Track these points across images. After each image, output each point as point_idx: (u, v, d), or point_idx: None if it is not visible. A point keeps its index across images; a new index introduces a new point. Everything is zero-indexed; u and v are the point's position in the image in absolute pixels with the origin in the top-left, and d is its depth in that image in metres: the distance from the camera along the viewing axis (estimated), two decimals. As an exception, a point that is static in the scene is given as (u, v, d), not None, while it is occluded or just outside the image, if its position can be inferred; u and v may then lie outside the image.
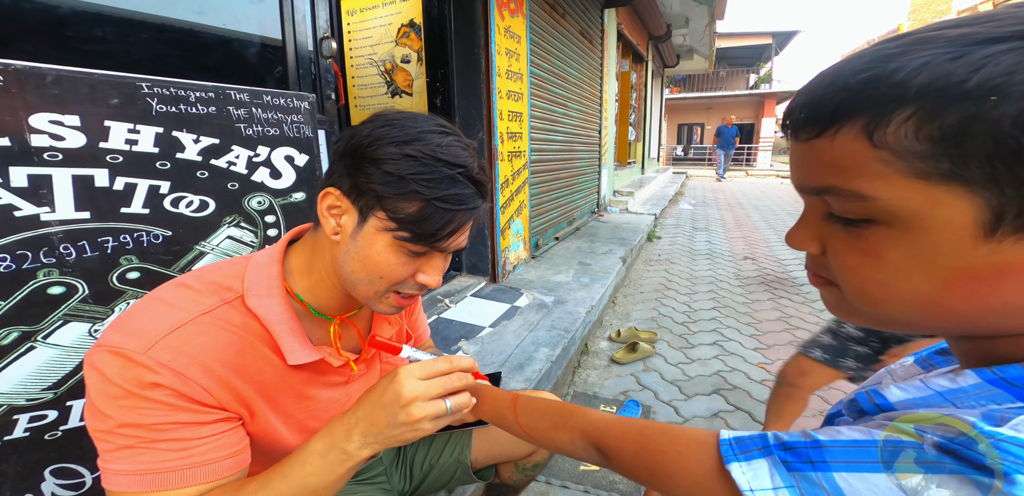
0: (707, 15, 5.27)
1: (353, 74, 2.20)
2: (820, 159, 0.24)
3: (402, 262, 0.45)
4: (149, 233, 0.74)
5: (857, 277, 0.25)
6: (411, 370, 0.43)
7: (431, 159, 0.42)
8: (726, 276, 2.95)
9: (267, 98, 0.88)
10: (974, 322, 0.24)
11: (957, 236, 0.21)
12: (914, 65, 0.20)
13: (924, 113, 0.20)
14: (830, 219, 0.26)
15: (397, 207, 0.43)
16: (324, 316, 0.52)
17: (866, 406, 0.29)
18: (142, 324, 0.42)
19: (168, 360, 0.40)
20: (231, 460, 0.43)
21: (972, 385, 0.24)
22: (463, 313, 1.79)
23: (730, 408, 1.50)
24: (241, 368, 0.44)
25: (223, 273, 0.48)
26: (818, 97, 0.24)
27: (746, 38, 15.43)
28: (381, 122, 0.45)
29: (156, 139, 0.74)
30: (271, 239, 0.92)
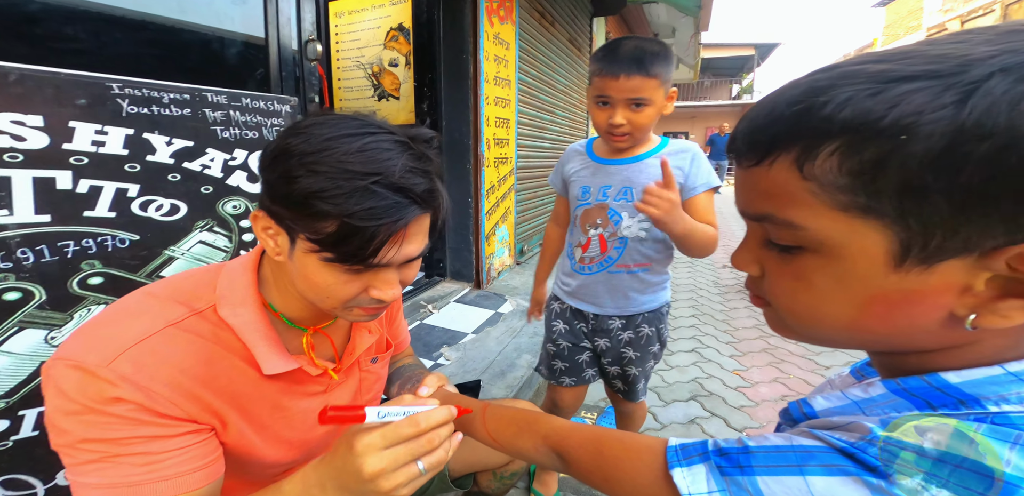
0: (693, 26, 5.40)
1: (339, 76, 2.18)
2: (758, 186, 0.26)
3: (344, 281, 0.42)
4: (115, 237, 0.72)
5: (790, 299, 0.27)
6: (372, 441, 0.37)
7: (337, 171, 0.37)
8: (706, 284, 3.01)
9: (246, 100, 0.86)
10: (887, 340, 0.26)
11: (872, 265, 0.23)
12: (839, 100, 0.21)
13: (847, 148, 0.21)
14: (768, 244, 0.27)
15: (316, 228, 0.38)
16: (297, 327, 0.51)
17: (796, 414, 0.32)
18: (104, 335, 0.40)
19: (130, 373, 0.38)
20: (201, 472, 0.41)
21: (880, 395, 0.27)
22: (446, 319, 1.77)
23: (706, 414, 1.53)
24: (212, 379, 0.43)
25: (194, 282, 0.46)
26: (758, 126, 0.25)
27: (730, 49, 15.88)
28: (288, 133, 0.41)
29: (126, 141, 0.71)
30: (247, 244, 0.90)
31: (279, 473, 0.54)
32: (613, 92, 0.75)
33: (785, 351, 2.01)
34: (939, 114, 0.19)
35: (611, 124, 0.77)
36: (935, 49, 0.21)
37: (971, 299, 0.22)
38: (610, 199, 0.85)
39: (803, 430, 0.27)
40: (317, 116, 0.42)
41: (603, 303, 0.91)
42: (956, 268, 0.21)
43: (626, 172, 0.84)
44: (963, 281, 0.22)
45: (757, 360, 1.93)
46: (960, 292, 0.22)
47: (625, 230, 0.85)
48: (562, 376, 1.02)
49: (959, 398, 0.24)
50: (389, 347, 0.65)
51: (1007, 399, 0.22)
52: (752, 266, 0.30)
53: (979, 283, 0.21)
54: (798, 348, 2.04)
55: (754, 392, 1.67)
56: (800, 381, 1.76)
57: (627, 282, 0.89)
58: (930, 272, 0.22)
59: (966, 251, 0.21)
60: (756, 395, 1.65)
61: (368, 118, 0.43)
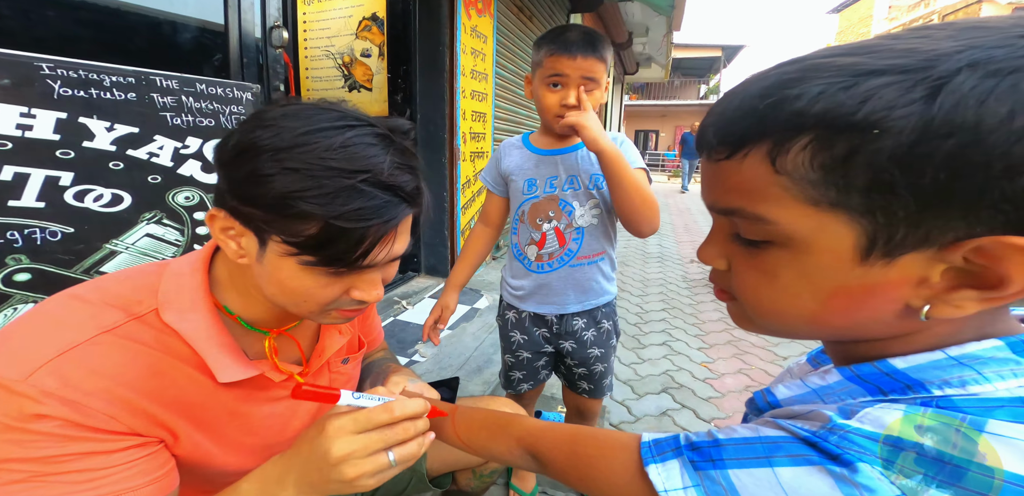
0: (665, 25, 5.51)
1: (307, 65, 2.08)
2: (728, 181, 0.26)
3: (323, 284, 0.39)
4: (44, 230, 0.66)
5: (754, 293, 0.28)
6: (343, 424, 0.36)
7: (320, 169, 0.34)
8: (675, 278, 3.11)
9: (200, 86, 0.80)
10: (846, 332, 0.27)
11: (838, 259, 0.23)
12: (812, 93, 0.21)
13: (819, 142, 0.22)
14: (736, 239, 0.28)
15: (294, 230, 0.35)
16: (258, 330, 0.47)
17: (760, 404, 0.33)
18: (21, 346, 0.35)
19: (55, 388, 0.34)
20: (152, 487, 0.37)
21: (836, 382, 0.27)
22: (421, 315, 1.75)
23: (677, 406, 1.58)
24: (158, 391, 0.39)
25: (131, 285, 0.41)
26: (728, 119, 0.25)
27: (699, 50, 16.31)
28: (251, 125, 0.36)
29: (57, 125, 0.65)
30: (201, 238, 0.85)
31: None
32: (569, 70, 0.75)
33: (748, 343, 2.11)
34: (909, 110, 0.19)
35: (564, 105, 0.77)
36: (900, 43, 0.21)
37: (927, 290, 0.23)
38: (559, 189, 0.85)
39: (767, 420, 0.28)
40: (283, 106, 0.38)
41: (566, 301, 0.91)
42: (915, 261, 0.22)
43: (570, 160, 0.85)
44: (921, 273, 0.22)
45: (723, 352, 2.01)
46: (917, 284, 0.23)
47: (579, 219, 0.85)
48: (520, 384, 1.02)
49: (906, 383, 0.24)
50: (362, 346, 0.62)
51: (949, 383, 0.23)
52: (718, 260, 0.30)
53: (935, 275, 0.22)
54: (759, 340, 2.14)
55: (720, 383, 1.75)
56: (761, 371, 1.85)
57: (590, 274, 0.89)
58: (891, 265, 0.22)
59: (927, 244, 0.21)
60: (722, 386, 1.73)
61: (341, 108, 0.39)
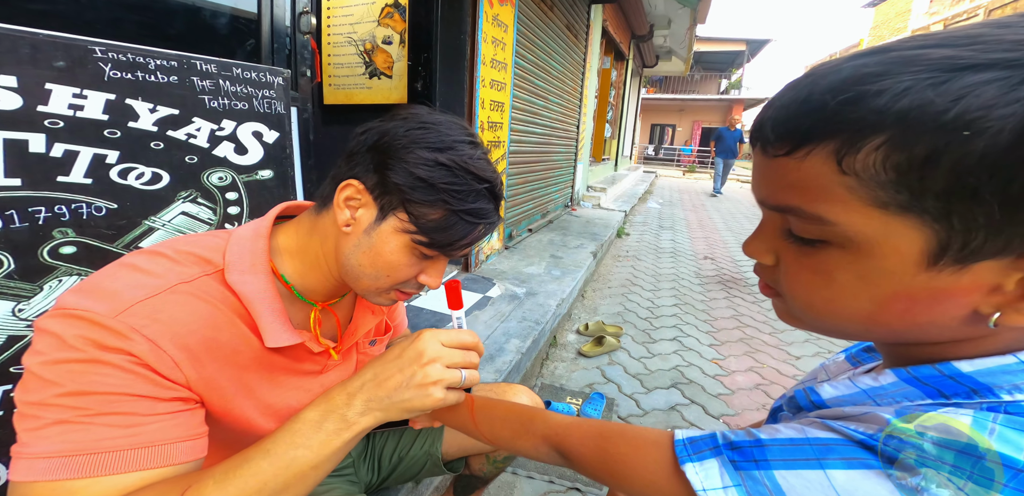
0: (689, 18, 5.37)
1: (330, 52, 2.08)
2: (786, 178, 0.24)
3: (411, 263, 0.45)
4: (90, 205, 0.68)
5: (806, 292, 0.27)
6: (436, 334, 0.43)
7: (463, 171, 0.42)
8: (687, 274, 3.08)
9: (237, 71, 0.81)
10: (902, 334, 0.26)
11: (903, 263, 0.22)
12: (897, 89, 0.20)
13: (896, 141, 0.20)
14: (787, 235, 0.26)
15: (421, 212, 0.43)
16: (307, 301, 0.49)
17: (803, 403, 0.32)
18: (113, 288, 0.37)
19: (142, 326, 0.36)
20: (187, 444, 0.38)
21: (891, 383, 0.26)
22: (434, 301, 1.77)
23: (686, 401, 1.58)
24: (217, 345, 0.41)
25: (202, 245, 0.44)
26: (792, 114, 0.24)
27: (722, 43, 15.90)
28: (416, 123, 0.44)
29: (106, 106, 0.67)
30: (232, 217, 0.87)
31: None
32: None
33: (760, 341, 2.09)
34: (1010, 109, 0.18)
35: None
36: (1010, 33, 0.19)
37: (998, 298, 0.22)
38: None
39: (814, 420, 0.27)
40: (432, 113, 0.46)
41: None
42: (990, 268, 0.21)
43: None
44: (995, 281, 0.21)
45: (734, 349, 2.00)
46: (989, 291, 0.22)
47: None
48: None
49: (972, 387, 0.23)
50: (388, 330, 0.64)
51: (1020, 388, 0.22)
52: (766, 255, 0.29)
53: (1010, 283, 0.21)
54: (772, 338, 2.12)
55: (731, 380, 1.74)
56: (773, 370, 1.83)
57: None
58: (963, 272, 0.21)
59: (1006, 253, 0.20)
60: (732, 383, 1.72)
61: (468, 127, 0.47)
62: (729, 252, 3.79)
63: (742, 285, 2.91)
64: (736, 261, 3.51)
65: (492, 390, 0.75)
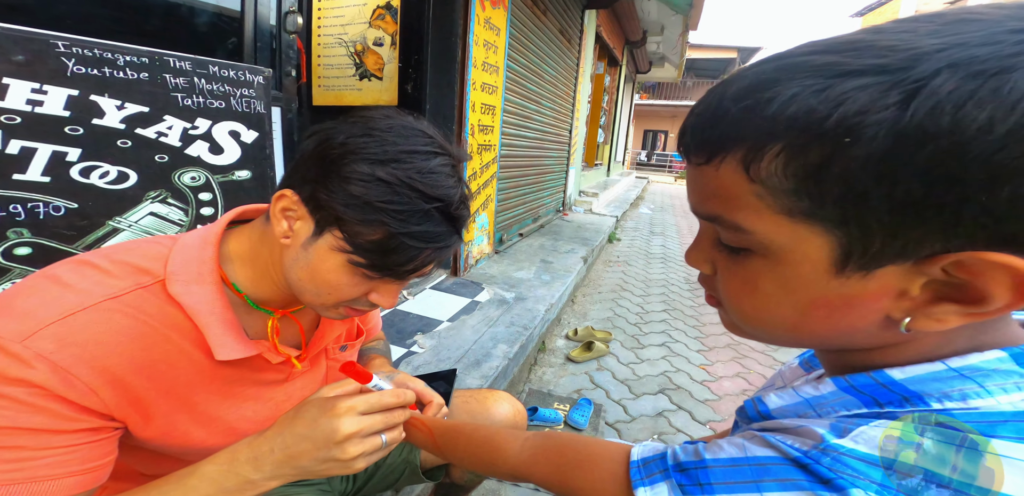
0: (682, 24, 5.44)
1: (320, 53, 2.07)
2: (707, 186, 0.25)
3: (354, 282, 0.42)
4: (48, 204, 0.66)
5: (738, 300, 0.27)
6: (354, 404, 0.38)
7: (406, 188, 0.38)
8: (677, 280, 3.10)
9: (213, 68, 0.80)
10: (830, 341, 0.26)
11: (814, 270, 0.23)
12: (785, 97, 0.20)
13: (791, 149, 0.20)
14: (719, 245, 0.27)
15: (357, 232, 0.39)
16: (262, 309, 0.47)
17: (751, 413, 0.31)
18: (27, 306, 0.35)
19: (50, 352, 0.33)
20: (75, 479, 0.36)
21: (830, 392, 0.26)
22: (421, 306, 1.75)
23: (673, 407, 1.58)
24: (148, 365, 0.39)
25: (141, 253, 0.41)
26: (706, 123, 0.24)
27: (713, 51, 16.13)
28: (361, 130, 0.40)
29: (68, 102, 0.65)
30: (204, 218, 0.85)
31: None
32: None
33: (747, 347, 2.10)
34: (882, 115, 0.18)
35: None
36: (883, 39, 0.20)
37: (907, 303, 0.22)
38: None
39: (755, 435, 0.27)
40: (387, 117, 0.42)
41: None
42: (893, 273, 0.21)
43: None
44: (900, 286, 0.21)
45: (722, 355, 2.01)
46: (896, 296, 0.22)
47: None
48: None
49: (903, 395, 0.23)
50: (360, 334, 0.62)
51: (949, 396, 0.22)
52: (704, 265, 0.29)
53: (915, 288, 0.21)
54: (759, 344, 2.14)
55: (718, 386, 1.74)
56: (759, 376, 1.84)
57: None
58: (869, 277, 0.22)
59: (904, 257, 0.20)
60: (720, 389, 1.72)
61: (430, 129, 0.43)
62: (719, 257, 3.82)
63: (731, 290, 2.93)
64: (725, 266, 3.53)
65: (473, 397, 0.74)
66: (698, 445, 0.28)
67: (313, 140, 0.41)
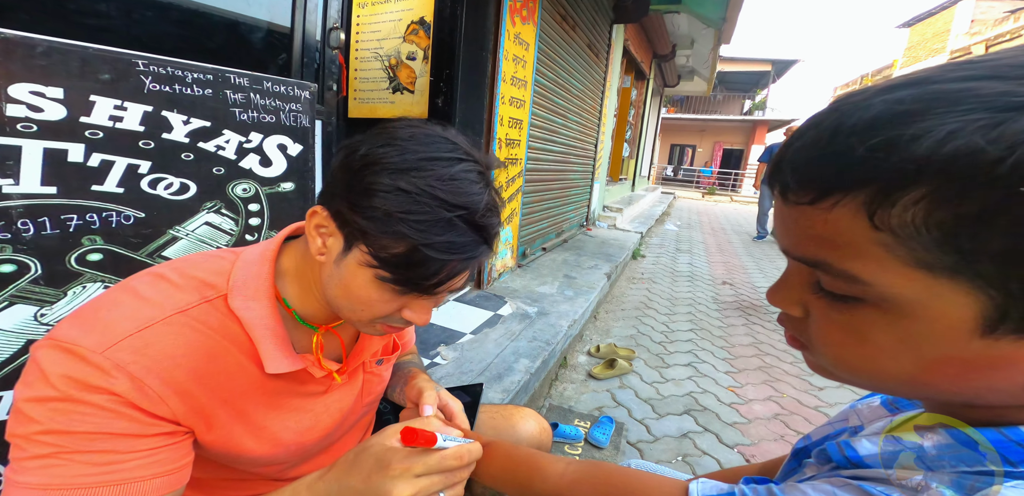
0: (713, 38, 5.41)
1: (356, 66, 2.16)
2: (811, 229, 0.22)
3: (386, 299, 0.41)
4: (120, 213, 0.70)
5: (837, 349, 0.24)
6: (411, 466, 0.35)
7: (427, 196, 0.36)
8: (705, 299, 3.00)
9: (267, 84, 0.85)
10: (954, 396, 0.23)
11: (953, 330, 0.20)
12: (940, 134, 0.17)
13: (940, 196, 0.17)
14: (816, 288, 0.24)
15: (381, 245, 0.37)
16: (308, 325, 0.48)
17: (836, 457, 0.28)
18: (107, 318, 0.37)
19: (128, 362, 0.36)
20: (161, 479, 0.38)
21: (945, 445, 0.23)
22: (445, 317, 1.75)
23: (699, 429, 1.51)
24: (209, 375, 0.40)
25: (208, 268, 0.43)
26: (814, 158, 0.21)
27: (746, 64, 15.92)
28: (382, 140, 0.39)
29: (143, 117, 0.70)
30: (252, 228, 0.89)
31: (270, 470, 0.52)
32: None
33: (780, 370, 2.00)
34: None
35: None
36: None
37: None
38: None
39: (849, 483, 0.24)
40: (406, 127, 0.41)
41: None
42: None
43: None
44: None
45: (752, 378, 1.92)
46: None
47: None
48: None
49: None
50: (396, 349, 0.63)
51: None
52: (793, 307, 0.26)
53: None
54: (793, 368, 2.03)
55: (747, 409, 1.66)
56: (793, 400, 1.75)
57: None
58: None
59: None
60: (749, 412, 1.64)
61: (456, 138, 0.41)
62: (749, 278, 3.69)
63: (762, 312, 2.81)
64: (756, 287, 3.41)
65: (499, 413, 0.73)
66: (770, 487, 0.26)
67: (340, 154, 0.41)
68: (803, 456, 0.34)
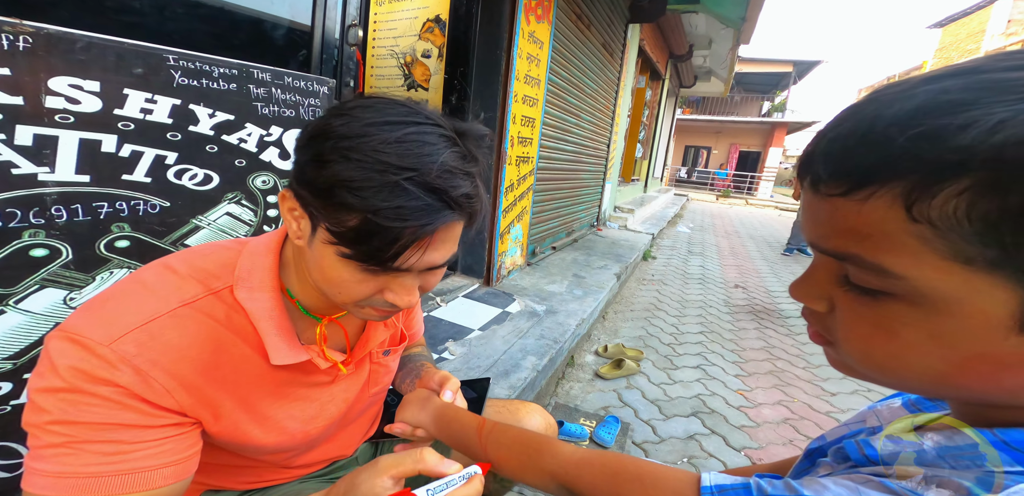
0: (732, 38, 5.33)
1: (373, 64, 2.20)
2: (843, 221, 0.21)
3: (358, 279, 0.38)
4: (147, 202, 0.73)
5: (864, 345, 0.23)
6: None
7: (370, 161, 0.33)
8: (716, 302, 2.97)
9: (288, 79, 0.87)
10: (983, 397, 0.22)
11: (989, 326, 0.19)
12: (988, 123, 0.16)
13: (985, 187, 0.17)
14: (843, 282, 0.23)
15: (336, 220, 0.35)
16: (312, 316, 0.48)
17: (854, 455, 0.28)
18: (115, 311, 0.38)
19: (133, 355, 0.36)
20: (169, 469, 0.38)
21: (969, 444, 0.23)
22: (453, 313, 1.77)
23: (706, 431, 1.50)
24: (215, 367, 0.41)
25: (214, 259, 0.44)
26: (849, 148, 0.20)
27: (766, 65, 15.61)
28: (333, 111, 0.37)
29: (172, 110, 0.73)
30: (271, 220, 0.91)
31: (277, 457, 0.53)
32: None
33: (791, 375, 1.97)
34: None
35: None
36: None
37: None
38: None
39: (870, 479, 0.23)
40: (365, 98, 0.38)
41: None
42: None
43: None
44: None
45: (762, 381, 1.90)
46: None
47: None
48: None
49: None
50: (403, 340, 0.63)
51: None
52: (817, 302, 0.25)
53: None
54: (805, 373, 2.00)
55: (756, 413, 1.64)
56: (804, 405, 1.72)
57: None
58: None
59: None
60: (758, 416, 1.62)
61: (417, 106, 0.39)
62: (763, 282, 3.64)
63: (775, 316, 2.78)
64: (770, 291, 3.36)
65: (505, 407, 0.73)
66: (788, 481, 0.26)
67: (300, 134, 0.39)
68: (817, 456, 0.33)
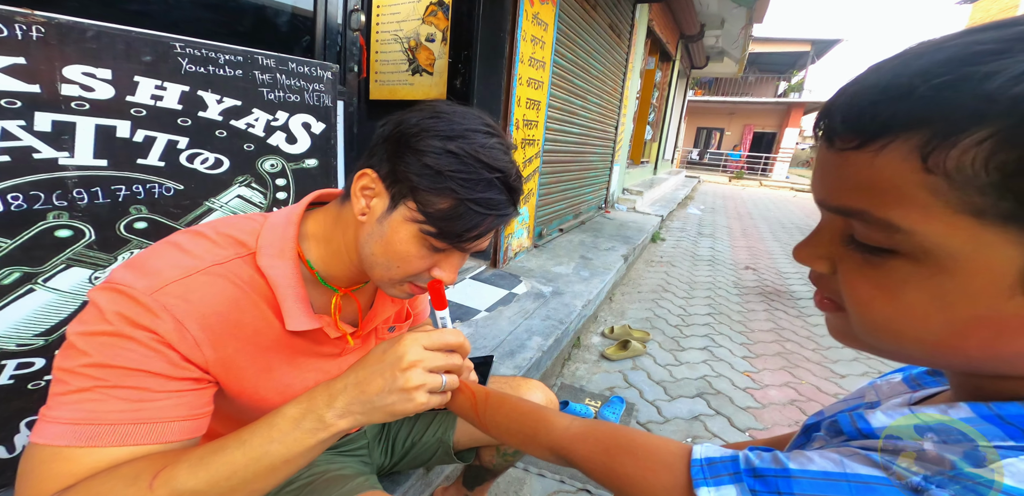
0: (745, 17, 5.14)
1: (377, 49, 2.18)
2: (854, 176, 0.21)
3: (422, 255, 0.45)
4: (162, 185, 0.76)
5: (865, 307, 0.23)
6: (418, 337, 0.41)
7: (472, 159, 0.42)
8: (725, 284, 2.96)
9: (292, 65, 0.88)
10: (981, 365, 0.22)
11: (994, 285, 0.19)
12: (1016, 71, 0.16)
13: (1006, 136, 0.16)
14: (848, 241, 0.23)
15: (429, 201, 0.42)
16: (330, 286, 0.51)
17: (847, 429, 0.28)
18: (155, 266, 0.41)
19: (172, 306, 0.39)
20: (183, 423, 0.40)
21: (965, 418, 0.22)
22: (460, 294, 1.81)
23: (711, 412, 1.52)
24: (239, 326, 0.44)
25: (239, 228, 0.47)
26: (869, 100, 0.20)
27: (783, 44, 15.01)
28: (430, 113, 0.45)
29: (181, 97, 0.75)
30: (279, 202, 0.94)
31: None
32: None
33: (800, 357, 1.98)
34: None
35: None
36: None
37: None
38: None
39: (857, 452, 0.23)
40: (450, 105, 0.47)
41: None
42: None
43: None
44: None
45: (770, 363, 1.90)
46: None
47: None
48: None
49: None
50: (408, 317, 0.66)
51: None
52: (820, 262, 0.25)
53: None
54: (814, 355, 2.00)
55: (762, 394, 1.66)
56: (812, 387, 1.73)
57: None
58: None
59: None
60: (764, 397, 1.64)
61: (486, 116, 0.47)
62: (775, 263, 3.60)
63: (785, 298, 2.76)
64: (781, 273, 3.33)
65: (507, 383, 0.75)
66: (776, 453, 0.26)
67: (389, 125, 0.46)
68: (814, 431, 0.33)
